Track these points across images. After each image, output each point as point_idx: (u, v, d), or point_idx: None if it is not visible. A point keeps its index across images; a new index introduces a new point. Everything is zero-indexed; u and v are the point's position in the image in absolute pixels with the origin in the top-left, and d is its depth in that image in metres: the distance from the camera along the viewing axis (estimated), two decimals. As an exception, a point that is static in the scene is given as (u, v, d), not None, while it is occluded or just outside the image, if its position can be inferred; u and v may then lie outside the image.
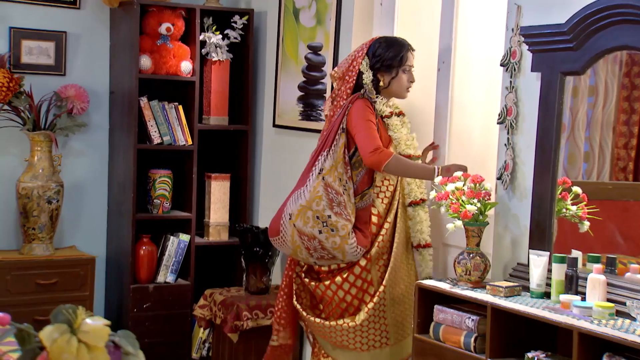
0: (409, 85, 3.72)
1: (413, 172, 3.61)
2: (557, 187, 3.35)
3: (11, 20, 4.66)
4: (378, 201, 3.65)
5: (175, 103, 4.75)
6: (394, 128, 3.68)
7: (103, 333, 1.24)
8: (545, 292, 3.22)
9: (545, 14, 3.33)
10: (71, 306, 1.27)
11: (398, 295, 3.61)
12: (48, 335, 1.23)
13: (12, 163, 4.69)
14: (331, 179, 3.55)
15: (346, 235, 3.52)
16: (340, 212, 3.53)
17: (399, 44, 3.71)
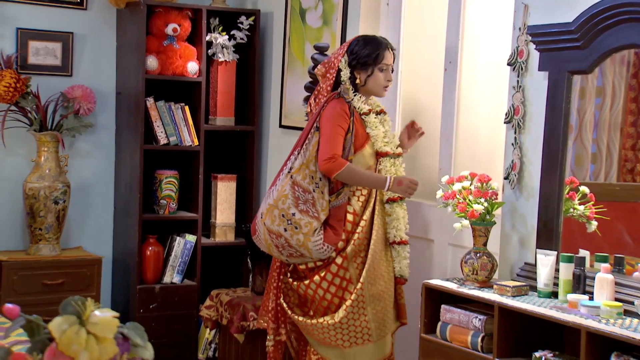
0: (386, 83, 3.68)
1: (365, 183, 3.60)
2: (565, 186, 3.34)
3: (18, 21, 4.67)
4: (354, 199, 3.64)
5: (182, 104, 4.75)
6: (372, 125, 3.64)
7: (112, 325, 1.24)
8: (552, 292, 3.21)
9: (553, 13, 3.33)
10: (80, 298, 1.26)
11: (378, 292, 3.60)
12: (57, 326, 1.23)
13: (19, 164, 4.70)
14: (300, 177, 3.58)
15: (309, 232, 3.54)
16: (307, 209, 3.56)
17: (376, 42, 3.68)
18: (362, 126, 3.64)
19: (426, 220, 4.09)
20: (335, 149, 3.53)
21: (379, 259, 3.60)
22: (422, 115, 4.27)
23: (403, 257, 3.65)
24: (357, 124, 3.63)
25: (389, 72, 3.69)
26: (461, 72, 3.94)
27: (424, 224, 4.09)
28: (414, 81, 4.28)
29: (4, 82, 4.44)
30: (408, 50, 4.27)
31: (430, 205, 4.07)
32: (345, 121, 3.58)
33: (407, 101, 4.29)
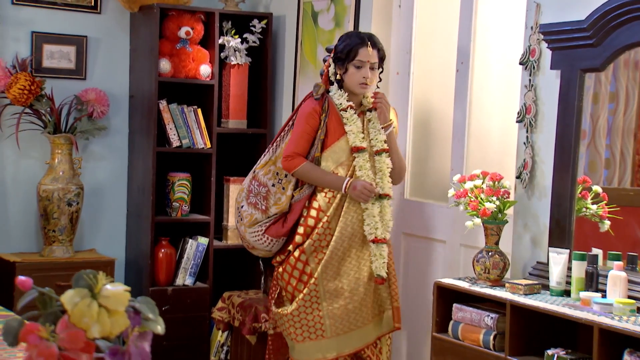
0: (361, 80, 3.63)
1: (322, 183, 3.65)
2: (577, 185, 3.33)
3: (33, 24, 4.71)
4: (321, 195, 3.67)
5: (194, 106, 4.77)
6: (347, 121, 3.63)
7: (123, 298, 1.25)
8: (565, 290, 3.20)
9: (565, 12, 3.33)
10: (92, 271, 1.28)
11: (336, 289, 3.60)
12: (69, 299, 1.24)
13: (33, 166, 4.73)
14: (262, 172, 3.76)
15: (247, 223, 3.75)
16: (255, 202, 3.74)
17: (353, 38, 3.67)
18: (340, 122, 3.64)
19: (438, 221, 4.08)
20: (296, 148, 3.65)
21: (343, 255, 3.62)
22: (433, 116, 4.27)
23: (378, 257, 3.61)
24: (332, 120, 3.64)
25: (366, 69, 3.63)
26: (473, 72, 3.94)
27: (436, 225, 4.09)
28: (426, 83, 4.29)
29: (18, 85, 4.47)
30: (420, 52, 4.28)
31: (441, 206, 4.06)
32: (313, 120, 3.65)
33: (419, 103, 4.30)
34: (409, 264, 4.24)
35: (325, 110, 3.66)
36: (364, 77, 3.63)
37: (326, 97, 3.69)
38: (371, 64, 3.64)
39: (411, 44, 4.26)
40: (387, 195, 3.66)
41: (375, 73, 3.67)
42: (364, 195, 3.57)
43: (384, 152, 3.66)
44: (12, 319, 1.24)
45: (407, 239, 4.26)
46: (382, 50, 3.69)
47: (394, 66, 4.33)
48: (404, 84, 4.29)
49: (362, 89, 3.66)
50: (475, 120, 3.97)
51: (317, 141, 3.65)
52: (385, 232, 3.65)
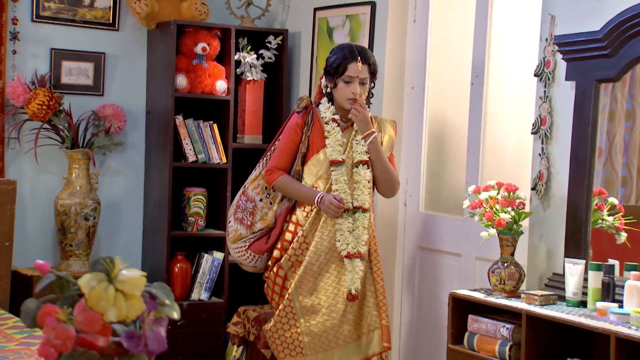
0: (350, 96, 3.57)
1: (297, 196, 3.63)
2: (593, 197, 3.32)
3: (52, 41, 4.76)
4: (300, 209, 3.64)
5: (210, 122, 4.81)
6: (327, 134, 3.59)
7: (139, 283, 1.26)
8: (581, 301, 3.19)
9: (579, 23, 3.34)
10: (109, 257, 1.29)
11: (312, 305, 3.55)
12: (86, 282, 1.25)
13: (51, 181, 4.77)
14: (252, 187, 3.76)
15: (231, 238, 3.77)
16: (242, 217, 3.74)
17: (343, 52, 3.60)
18: (323, 135, 3.61)
19: (453, 234, 4.08)
20: (277, 162, 3.66)
21: (319, 271, 3.56)
22: (448, 130, 4.28)
23: (351, 272, 3.52)
24: (315, 133, 3.62)
25: (355, 85, 3.56)
26: (488, 85, 3.95)
27: (451, 238, 4.08)
28: (441, 97, 4.30)
29: (37, 100, 4.52)
30: (435, 66, 4.30)
31: (456, 220, 4.06)
32: (295, 133, 3.64)
33: (434, 116, 4.31)
34: (424, 278, 4.23)
35: (308, 124, 3.63)
36: (352, 93, 3.57)
37: (312, 109, 3.66)
38: (361, 79, 3.58)
39: (426, 58, 4.28)
40: (361, 208, 3.57)
41: (365, 88, 3.61)
42: (331, 211, 3.51)
43: (361, 164, 3.58)
44: (30, 300, 1.25)
45: (422, 253, 4.25)
46: (373, 65, 3.62)
47: (409, 80, 4.35)
48: (419, 98, 4.31)
49: (349, 104, 3.59)
50: (490, 132, 3.97)
51: (298, 155, 3.64)
52: (359, 247, 3.55)
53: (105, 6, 4.86)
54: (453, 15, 4.27)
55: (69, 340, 1.16)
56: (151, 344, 1.20)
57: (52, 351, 1.16)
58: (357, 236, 3.55)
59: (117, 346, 1.21)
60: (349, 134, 3.64)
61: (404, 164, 4.31)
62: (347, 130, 3.65)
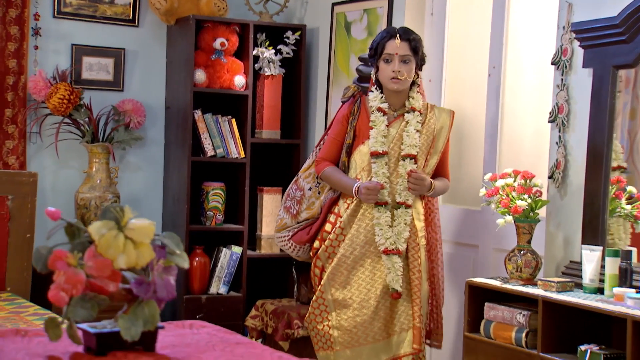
0: (391, 75, 3.43)
1: (339, 187, 3.55)
2: (611, 185, 3.31)
3: (74, 37, 4.82)
4: (342, 200, 3.55)
5: (229, 116, 4.84)
6: (372, 124, 3.47)
7: (148, 231, 1.28)
8: (598, 288, 3.17)
9: (597, 10, 3.34)
10: (119, 205, 1.30)
11: (344, 299, 3.45)
12: (96, 230, 1.27)
13: (71, 175, 4.81)
14: (303, 175, 3.68)
15: (277, 226, 3.72)
16: (290, 206, 3.68)
17: (381, 33, 3.52)
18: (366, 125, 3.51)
19: (470, 226, 4.07)
20: (323, 153, 3.59)
21: (354, 264, 3.46)
22: (466, 122, 4.28)
23: (391, 269, 3.42)
24: (361, 123, 3.51)
25: (394, 62, 3.43)
26: (505, 76, 3.95)
27: (469, 230, 4.08)
28: (458, 89, 4.30)
29: (58, 95, 4.57)
30: (452, 59, 4.30)
31: (474, 211, 4.05)
32: (341, 124, 3.55)
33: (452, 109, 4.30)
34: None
35: (354, 114, 3.53)
36: (393, 71, 3.43)
37: (359, 99, 3.55)
38: (401, 57, 3.44)
39: (443, 51, 4.29)
40: (404, 204, 3.45)
41: (409, 67, 3.45)
42: (367, 197, 3.40)
43: (408, 158, 3.45)
44: (41, 246, 1.27)
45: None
46: (414, 41, 3.47)
47: (427, 73, 4.35)
48: (437, 91, 4.31)
49: (394, 84, 3.44)
50: (507, 123, 3.97)
51: (344, 146, 3.56)
52: (399, 244, 3.43)
53: (126, 2, 4.91)
54: (470, 7, 4.28)
55: (80, 284, 1.18)
56: (160, 291, 1.22)
57: (62, 295, 1.18)
58: (397, 232, 3.44)
59: (127, 292, 1.23)
60: (399, 125, 3.50)
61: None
62: (396, 121, 3.51)
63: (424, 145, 3.51)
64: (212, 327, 2.07)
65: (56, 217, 1.28)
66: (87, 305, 1.17)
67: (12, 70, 4.59)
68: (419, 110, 3.51)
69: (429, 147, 3.53)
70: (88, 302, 1.17)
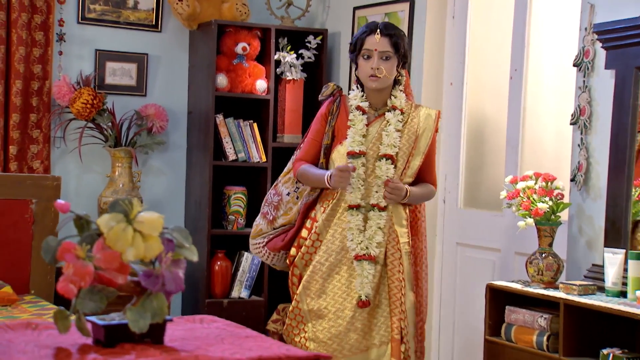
0: (370, 72, 3.22)
1: (313, 182, 3.34)
2: (634, 188, 3.27)
3: (97, 43, 4.86)
4: (319, 204, 3.36)
5: (250, 121, 4.85)
6: (350, 123, 3.29)
7: (157, 224, 1.28)
8: (621, 292, 3.13)
9: (618, 11, 3.31)
10: (127, 198, 1.31)
11: (319, 309, 3.25)
12: (105, 222, 1.27)
13: (95, 179, 4.84)
14: (282, 180, 3.53)
15: (252, 233, 3.56)
16: (267, 211, 3.52)
17: (362, 28, 3.32)
18: (345, 124, 3.33)
19: (492, 229, 4.04)
20: (301, 154, 3.43)
21: (329, 272, 3.27)
22: (487, 125, 4.26)
23: (360, 275, 3.21)
24: (340, 123, 3.33)
25: (373, 59, 3.22)
26: (527, 78, 3.92)
27: (490, 234, 4.05)
28: (480, 92, 4.28)
29: (81, 99, 4.61)
30: (473, 62, 4.28)
31: (496, 215, 4.02)
32: (320, 123, 3.39)
33: (473, 112, 4.29)
34: (463, 273, 4.20)
35: (332, 113, 3.35)
36: (371, 68, 3.21)
37: (338, 97, 3.38)
38: (381, 53, 3.22)
39: (465, 54, 4.27)
40: (377, 207, 3.25)
41: (389, 64, 3.24)
42: (341, 179, 3.19)
43: (384, 158, 3.26)
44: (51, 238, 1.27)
45: (461, 249, 4.22)
46: (395, 37, 3.24)
47: (448, 77, 4.34)
48: (458, 95, 4.29)
49: (372, 81, 3.24)
50: (529, 126, 3.94)
51: (322, 146, 3.37)
52: (371, 248, 3.23)
53: (148, 8, 4.94)
54: (492, 10, 4.26)
55: (88, 276, 1.18)
56: (168, 284, 1.22)
57: (71, 287, 1.18)
58: (369, 237, 3.24)
59: (136, 285, 1.23)
60: (379, 124, 3.32)
61: (443, 160, 4.29)
62: (376, 120, 3.33)
63: (405, 146, 3.31)
64: (222, 322, 2.08)
65: (65, 210, 1.29)
66: (96, 297, 1.17)
67: (37, 76, 4.64)
68: (401, 109, 3.32)
69: (410, 148, 3.32)
70: (96, 294, 1.18)
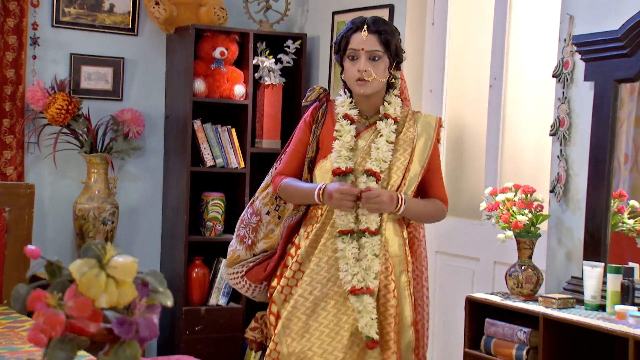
0: (357, 75, 2.76)
1: (299, 198, 2.85)
2: (613, 200, 3.27)
3: (72, 46, 4.79)
4: (302, 228, 2.88)
5: (228, 126, 4.80)
6: (336, 133, 2.82)
7: (131, 269, 1.24)
8: (600, 305, 3.13)
9: (598, 23, 3.30)
10: (100, 242, 1.27)
11: (303, 352, 2.77)
12: (77, 268, 1.23)
13: (69, 185, 4.78)
14: (260, 197, 3.03)
15: (228, 261, 3.04)
16: (244, 234, 3.00)
17: (347, 24, 2.85)
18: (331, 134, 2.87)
19: (471, 238, 4.03)
20: (283, 167, 2.94)
21: (314, 307, 2.78)
22: (467, 133, 4.24)
23: (362, 311, 2.73)
24: (326, 133, 2.86)
25: (360, 60, 2.76)
26: (506, 87, 3.91)
27: (469, 243, 4.04)
28: (459, 100, 4.27)
29: (56, 105, 4.54)
30: (453, 69, 4.26)
31: (475, 224, 4.01)
32: (303, 132, 2.92)
33: (452, 120, 4.27)
34: (442, 282, 4.18)
35: (317, 121, 2.88)
36: (358, 71, 2.76)
37: (325, 103, 2.91)
38: (369, 53, 2.76)
39: (444, 61, 4.25)
40: (367, 231, 2.76)
41: (378, 65, 2.78)
42: (343, 204, 2.70)
43: (367, 174, 2.78)
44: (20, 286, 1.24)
45: (440, 257, 4.21)
46: (385, 34, 2.78)
47: (427, 83, 4.32)
48: (438, 102, 4.27)
49: (359, 86, 2.78)
50: (508, 135, 3.93)
51: (306, 159, 2.90)
52: (369, 280, 2.74)
53: (125, 11, 4.88)
54: (472, 18, 4.24)
55: (59, 325, 1.15)
56: (143, 330, 1.18)
57: (42, 336, 1.14)
58: (365, 267, 2.75)
59: (108, 332, 1.19)
60: (370, 135, 2.86)
61: (422, 168, 4.27)
62: (367, 130, 2.87)
63: (400, 160, 2.84)
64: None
65: (36, 256, 1.25)
66: (67, 347, 1.14)
67: (10, 80, 4.56)
68: (394, 117, 2.85)
69: (406, 161, 2.85)
70: (67, 343, 1.14)
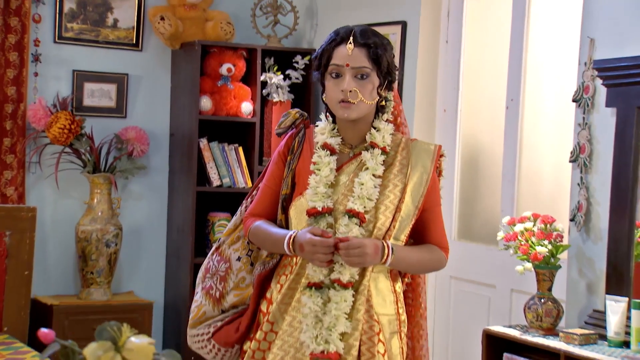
0: (340, 97, 2.29)
1: (270, 247, 2.41)
2: (636, 229, 3.16)
3: (75, 63, 4.67)
4: (274, 280, 2.43)
5: (235, 144, 4.69)
6: (312, 167, 2.36)
7: (148, 351, 1.14)
8: (624, 341, 3.01)
9: (620, 48, 3.18)
10: (116, 323, 1.17)
11: None
12: (92, 352, 1.13)
13: (72, 206, 4.66)
14: (228, 240, 2.56)
15: (191, 320, 2.53)
16: (211, 285, 2.51)
17: (330, 35, 2.37)
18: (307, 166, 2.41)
19: (487, 264, 3.91)
20: (253, 207, 2.50)
21: None
22: (482, 155, 4.13)
23: None
24: (303, 165, 2.41)
25: (344, 78, 2.29)
26: (524, 109, 3.80)
27: (485, 269, 3.92)
28: (474, 120, 4.15)
29: (58, 124, 4.43)
30: (468, 88, 4.15)
31: (491, 249, 3.90)
32: (276, 166, 2.47)
33: (467, 140, 4.16)
34: (456, 309, 4.07)
35: (293, 152, 2.43)
36: (342, 91, 2.29)
37: (302, 130, 2.46)
38: (355, 70, 2.29)
39: (459, 80, 4.14)
40: (338, 283, 2.29)
41: (365, 85, 2.30)
42: (315, 255, 2.26)
43: (349, 215, 2.32)
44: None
45: (455, 283, 4.09)
46: (374, 47, 2.30)
47: (441, 103, 4.21)
48: (452, 121, 4.16)
49: (342, 109, 2.30)
50: (526, 159, 3.81)
51: (280, 197, 2.43)
52: (334, 343, 2.27)
53: (129, 26, 4.77)
54: (487, 36, 4.12)
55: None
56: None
57: None
58: (329, 326, 2.28)
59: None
60: (353, 168, 2.38)
61: (435, 190, 4.16)
62: (351, 162, 2.39)
63: (389, 197, 2.36)
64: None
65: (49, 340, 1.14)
66: None
67: (10, 98, 4.45)
68: (383, 147, 2.38)
69: (397, 199, 2.37)
70: None
